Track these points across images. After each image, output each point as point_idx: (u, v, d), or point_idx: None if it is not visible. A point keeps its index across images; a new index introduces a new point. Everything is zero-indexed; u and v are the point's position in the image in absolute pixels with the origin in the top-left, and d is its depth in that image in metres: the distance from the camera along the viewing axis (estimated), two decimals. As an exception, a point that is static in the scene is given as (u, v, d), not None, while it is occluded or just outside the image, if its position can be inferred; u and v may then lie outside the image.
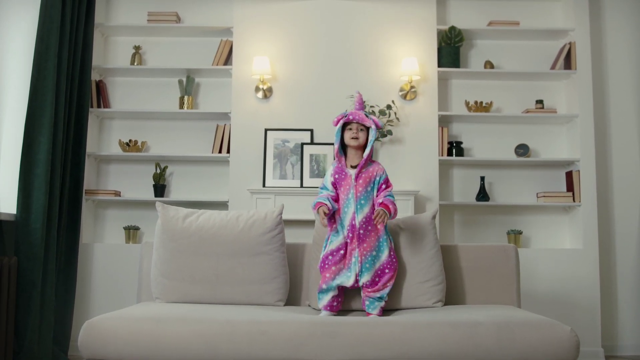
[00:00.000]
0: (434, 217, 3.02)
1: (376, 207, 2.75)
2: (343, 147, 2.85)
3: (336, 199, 2.80)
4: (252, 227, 2.91)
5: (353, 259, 2.73)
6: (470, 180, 4.79)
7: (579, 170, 4.59)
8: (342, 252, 2.76)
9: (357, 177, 2.79)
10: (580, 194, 4.57)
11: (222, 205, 4.62)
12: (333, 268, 2.74)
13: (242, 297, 2.89)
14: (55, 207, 3.94)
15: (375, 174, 2.82)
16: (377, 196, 2.80)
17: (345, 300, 2.85)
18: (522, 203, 4.67)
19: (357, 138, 2.80)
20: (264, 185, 4.54)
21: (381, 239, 2.77)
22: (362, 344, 2.36)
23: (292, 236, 3.91)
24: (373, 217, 2.71)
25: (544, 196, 4.62)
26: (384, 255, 2.77)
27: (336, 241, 2.77)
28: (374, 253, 2.75)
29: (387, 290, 2.76)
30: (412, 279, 2.90)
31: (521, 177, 4.81)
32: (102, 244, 4.57)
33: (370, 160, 2.83)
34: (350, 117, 2.80)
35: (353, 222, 2.75)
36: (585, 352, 4.24)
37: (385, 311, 2.80)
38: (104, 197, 4.60)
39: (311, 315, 2.55)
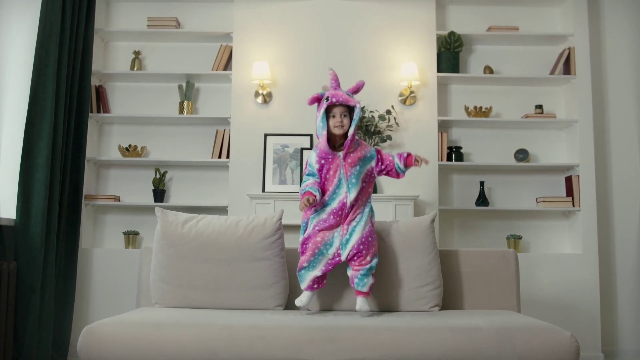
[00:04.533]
0: (432, 221, 3.01)
1: (400, 164, 2.87)
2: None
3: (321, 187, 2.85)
4: (251, 232, 2.91)
5: (335, 234, 2.77)
6: (469, 185, 4.79)
7: (578, 175, 4.60)
8: (323, 231, 2.78)
9: (345, 157, 2.80)
10: (580, 199, 4.57)
11: (222, 210, 4.62)
12: (313, 244, 2.76)
13: (241, 302, 2.88)
14: (54, 212, 3.94)
15: (364, 153, 2.85)
16: (386, 165, 2.88)
17: (338, 300, 2.87)
18: (521, 208, 4.67)
19: (342, 125, 2.79)
20: (263, 190, 4.54)
21: (362, 212, 2.80)
22: (361, 349, 2.35)
23: (292, 241, 3.90)
24: (416, 161, 2.85)
25: (543, 201, 4.62)
26: (364, 226, 2.77)
27: (317, 220, 2.81)
28: (353, 225, 2.77)
29: (375, 261, 2.77)
30: (409, 283, 2.90)
31: (521, 182, 4.82)
32: (102, 249, 4.57)
33: (355, 140, 2.85)
34: (334, 100, 2.76)
35: (344, 201, 2.78)
36: (585, 357, 4.24)
37: (381, 312, 2.81)
38: (103, 202, 4.60)
39: (311, 320, 2.54)
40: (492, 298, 3.05)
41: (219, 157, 4.67)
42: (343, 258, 2.76)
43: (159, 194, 4.65)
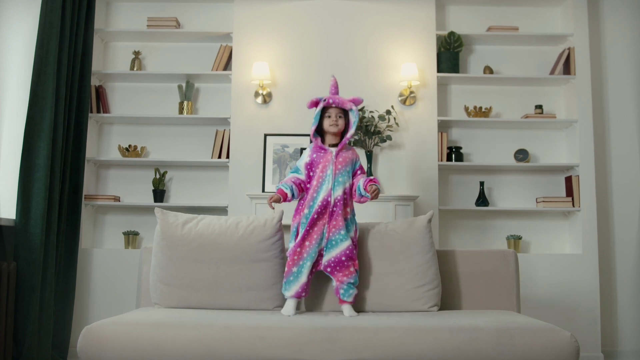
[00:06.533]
0: (429, 221, 3.02)
1: (361, 188, 2.81)
2: (319, 132, 2.90)
3: (302, 188, 2.86)
4: (251, 233, 2.91)
5: (321, 234, 2.79)
6: (469, 185, 4.79)
7: (578, 175, 4.60)
8: (312, 234, 2.79)
9: (337, 154, 2.85)
10: (580, 199, 4.57)
11: (222, 211, 4.62)
12: (302, 250, 2.78)
13: (241, 303, 2.88)
14: (54, 212, 3.94)
15: (353, 157, 2.91)
16: (354, 182, 2.88)
17: (337, 301, 2.87)
18: (521, 208, 4.67)
19: (336, 125, 2.85)
20: (263, 191, 4.54)
21: (349, 222, 2.83)
22: (362, 349, 2.35)
23: (292, 241, 3.91)
24: (371, 192, 2.76)
25: (543, 201, 4.62)
26: (348, 241, 2.79)
27: (305, 219, 2.81)
28: (342, 233, 2.79)
29: (357, 275, 2.81)
30: (407, 283, 2.90)
31: (520, 182, 4.82)
32: (102, 249, 4.57)
33: (348, 145, 2.92)
34: (330, 101, 2.84)
35: (328, 199, 2.81)
36: (585, 358, 4.24)
37: (381, 312, 2.82)
38: (103, 202, 4.60)
39: (311, 321, 2.54)
40: (492, 298, 3.05)
41: (219, 157, 4.67)
42: (323, 262, 2.80)
43: (159, 194, 4.65)
